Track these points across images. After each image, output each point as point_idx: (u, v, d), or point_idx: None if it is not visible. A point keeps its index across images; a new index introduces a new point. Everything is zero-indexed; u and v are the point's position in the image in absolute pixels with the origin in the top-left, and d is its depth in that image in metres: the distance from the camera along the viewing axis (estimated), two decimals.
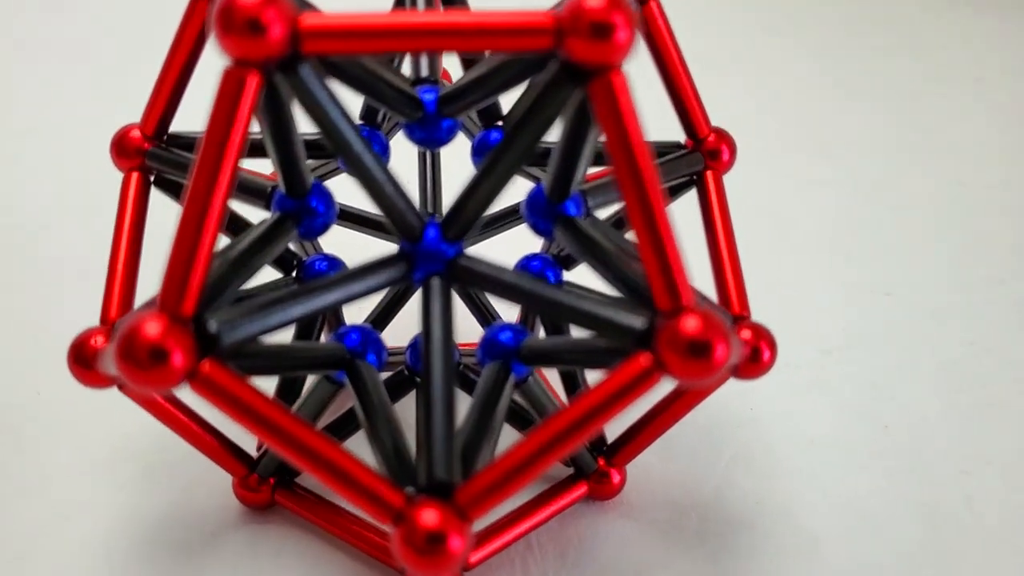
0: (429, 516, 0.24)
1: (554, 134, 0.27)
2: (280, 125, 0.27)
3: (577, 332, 0.29)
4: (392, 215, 0.27)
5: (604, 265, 0.28)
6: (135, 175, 0.34)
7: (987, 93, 0.80)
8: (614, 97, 0.24)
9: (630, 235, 0.30)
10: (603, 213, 0.34)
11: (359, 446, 0.31)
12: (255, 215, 0.33)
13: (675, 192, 0.36)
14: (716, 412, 0.41)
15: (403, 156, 0.38)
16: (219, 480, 0.36)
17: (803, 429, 0.42)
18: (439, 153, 0.39)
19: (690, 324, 0.24)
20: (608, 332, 0.26)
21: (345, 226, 0.40)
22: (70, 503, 0.37)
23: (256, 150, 0.31)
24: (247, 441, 0.36)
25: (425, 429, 0.26)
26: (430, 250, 0.28)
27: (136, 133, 0.34)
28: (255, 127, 0.25)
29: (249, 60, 0.23)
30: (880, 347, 0.48)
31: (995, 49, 0.88)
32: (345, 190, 0.34)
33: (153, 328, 0.24)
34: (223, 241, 0.28)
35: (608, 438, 0.37)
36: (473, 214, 0.28)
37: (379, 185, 0.27)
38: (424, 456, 0.26)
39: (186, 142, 0.34)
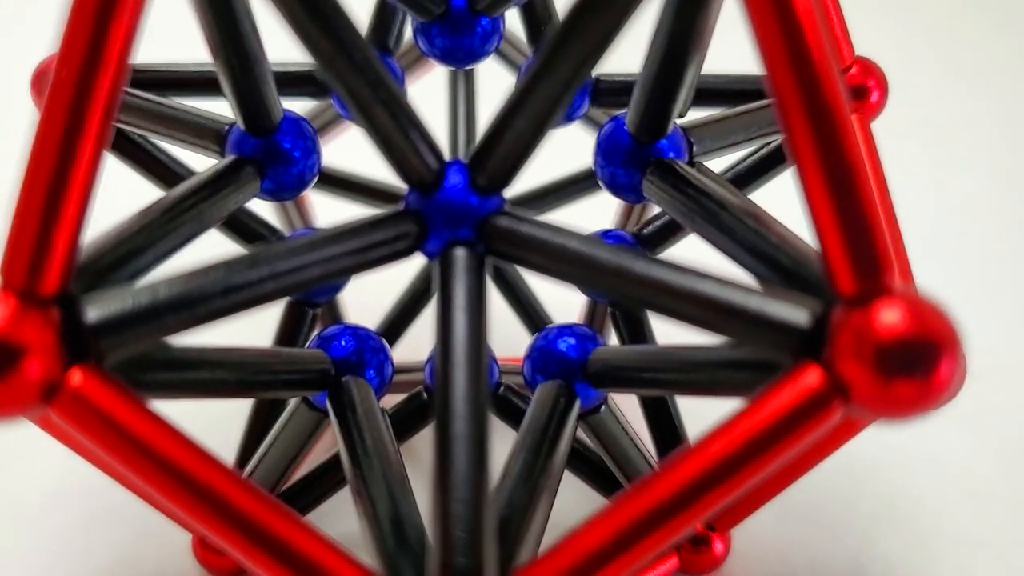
0: None
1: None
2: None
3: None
4: (392, 147, 0.18)
5: (729, 232, 0.19)
6: None
7: None
8: None
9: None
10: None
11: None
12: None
13: None
14: (843, 454, 0.34)
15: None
16: (178, 535, 0.30)
17: (960, 478, 0.36)
18: (474, 83, 0.31)
19: (889, 317, 0.15)
20: (744, 333, 0.16)
21: (348, 197, 0.33)
22: None
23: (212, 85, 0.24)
24: None
25: (440, 485, 0.17)
26: (451, 204, 0.19)
27: None
28: None
29: None
30: None
31: None
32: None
33: None
34: None
35: None
36: (516, 148, 0.18)
37: (374, 100, 0.18)
38: (438, 530, 0.17)
39: (135, 77, 0.27)
